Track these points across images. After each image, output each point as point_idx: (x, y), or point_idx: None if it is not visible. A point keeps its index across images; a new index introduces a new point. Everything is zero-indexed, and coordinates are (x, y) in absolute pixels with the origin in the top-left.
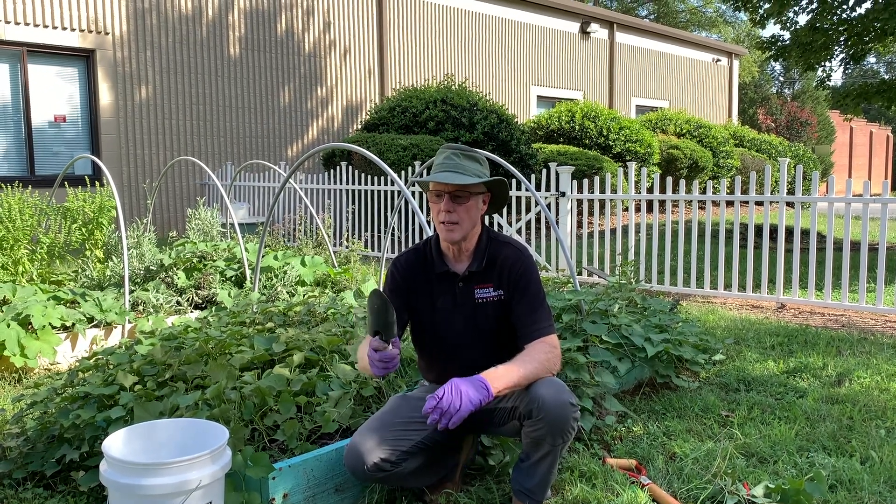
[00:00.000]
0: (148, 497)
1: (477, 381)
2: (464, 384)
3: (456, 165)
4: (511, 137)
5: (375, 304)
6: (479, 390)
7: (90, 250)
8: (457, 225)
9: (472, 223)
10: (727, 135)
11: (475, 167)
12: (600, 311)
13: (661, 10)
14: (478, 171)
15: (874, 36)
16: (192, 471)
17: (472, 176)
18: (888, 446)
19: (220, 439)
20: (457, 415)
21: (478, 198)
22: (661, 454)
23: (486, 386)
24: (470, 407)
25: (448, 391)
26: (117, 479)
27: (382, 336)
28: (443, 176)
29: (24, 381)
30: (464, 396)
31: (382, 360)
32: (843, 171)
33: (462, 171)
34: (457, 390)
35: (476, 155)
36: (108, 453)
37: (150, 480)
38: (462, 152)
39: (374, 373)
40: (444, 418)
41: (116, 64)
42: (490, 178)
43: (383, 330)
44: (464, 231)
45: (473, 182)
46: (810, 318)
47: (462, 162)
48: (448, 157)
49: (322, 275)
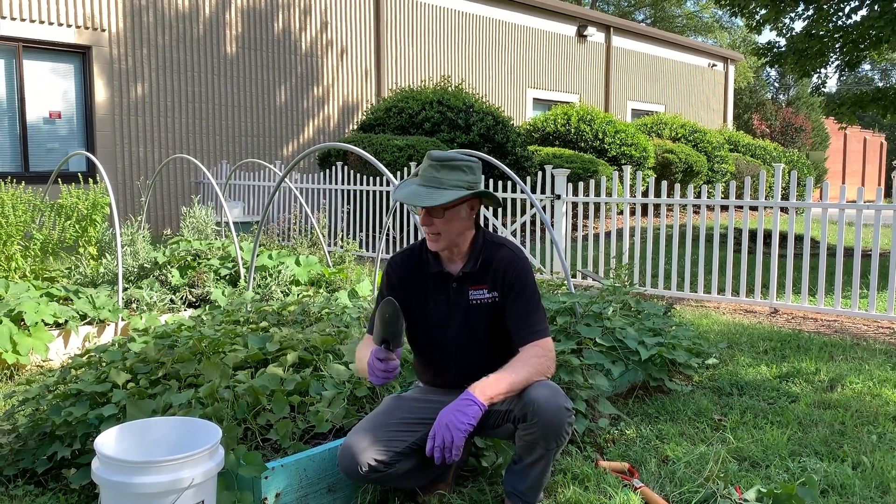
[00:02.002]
0: (140, 495)
1: (462, 401)
2: (448, 415)
3: (432, 179)
4: (507, 140)
5: (387, 312)
6: (466, 410)
7: (84, 247)
8: (438, 236)
9: (457, 232)
10: (722, 140)
11: (455, 178)
12: (594, 314)
13: (657, 14)
14: (457, 182)
15: (869, 43)
16: (185, 469)
17: (451, 189)
18: (880, 452)
19: (212, 438)
20: (454, 447)
21: (458, 209)
22: (654, 457)
23: (474, 400)
24: (461, 435)
25: (438, 432)
26: (109, 476)
27: (389, 345)
28: (410, 196)
29: (17, 378)
30: (451, 428)
31: (385, 370)
32: (837, 177)
33: (438, 185)
34: (443, 425)
35: (459, 164)
36: (100, 451)
37: (142, 479)
38: (442, 163)
39: (374, 382)
40: (445, 453)
41: (112, 61)
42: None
43: (391, 339)
44: (447, 241)
45: (439, 203)
46: (803, 324)
47: (440, 175)
48: (426, 170)
49: (317, 274)
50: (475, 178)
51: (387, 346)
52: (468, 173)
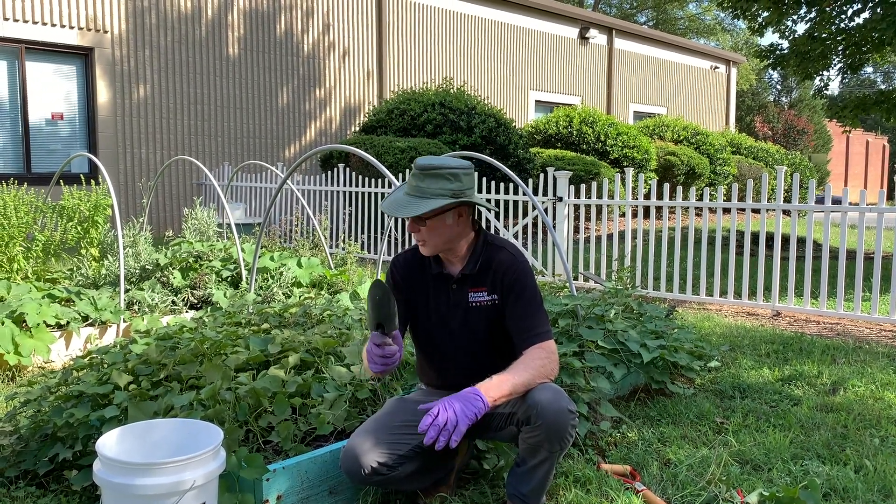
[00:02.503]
0: (141, 497)
1: (470, 394)
2: (458, 401)
3: (415, 188)
4: (509, 142)
5: (377, 295)
6: (474, 403)
7: (85, 249)
8: (424, 243)
9: (444, 239)
10: (724, 142)
11: (438, 186)
12: (596, 317)
13: (659, 16)
14: (440, 191)
15: (872, 46)
16: (187, 471)
17: (433, 198)
18: (882, 455)
19: (214, 440)
20: (455, 431)
21: (442, 217)
22: (656, 460)
23: (480, 397)
24: (466, 422)
25: (442, 408)
26: (111, 478)
27: (384, 329)
28: (390, 206)
29: (18, 380)
30: (459, 413)
31: (384, 356)
32: (839, 179)
33: (420, 195)
34: (451, 407)
35: (442, 172)
36: (101, 452)
37: (144, 480)
38: (425, 172)
39: (373, 370)
40: (442, 436)
41: (114, 62)
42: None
43: (385, 322)
44: (432, 247)
45: (417, 214)
46: (805, 326)
47: (423, 184)
48: (411, 179)
49: (318, 276)
50: (461, 186)
51: (382, 330)
52: (453, 181)
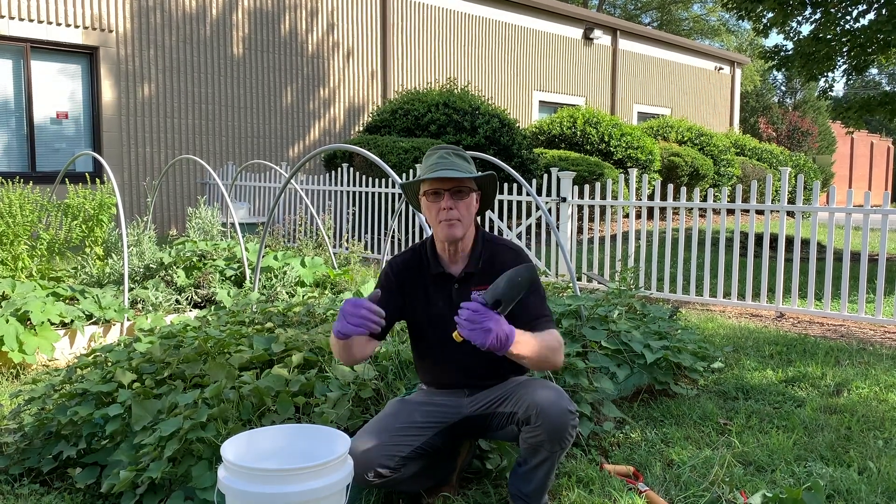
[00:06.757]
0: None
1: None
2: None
3: (451, 164)
4: (513, 142)
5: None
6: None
7: (90, 247)
8: (458, 221)
9: (470, 220)
10: (728, 143)
11: (466, 166)
12: (600, 317)
13: (664, 17)
14: (469, 170)
15: (877, 48)
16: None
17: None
18: (886, 457)
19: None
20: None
21: (473, 195)
22: (659, 461)
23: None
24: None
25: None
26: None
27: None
28: (445, 172)
29: (22, 377)
30: (494, 326)
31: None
32: (843, 181)
33: (457, 169)
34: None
35: (465, 154)
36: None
37: (281, 488)
38: (453, 152)
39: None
40: (468, 324)
41: (119, 62)
42: (482, 174)
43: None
44: (465, 228)
45: (471, 176)
46: (809, 328)
47: (455, 160)
48: (441, 157)
49: (322, 276)
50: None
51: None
52: (472, 165)
